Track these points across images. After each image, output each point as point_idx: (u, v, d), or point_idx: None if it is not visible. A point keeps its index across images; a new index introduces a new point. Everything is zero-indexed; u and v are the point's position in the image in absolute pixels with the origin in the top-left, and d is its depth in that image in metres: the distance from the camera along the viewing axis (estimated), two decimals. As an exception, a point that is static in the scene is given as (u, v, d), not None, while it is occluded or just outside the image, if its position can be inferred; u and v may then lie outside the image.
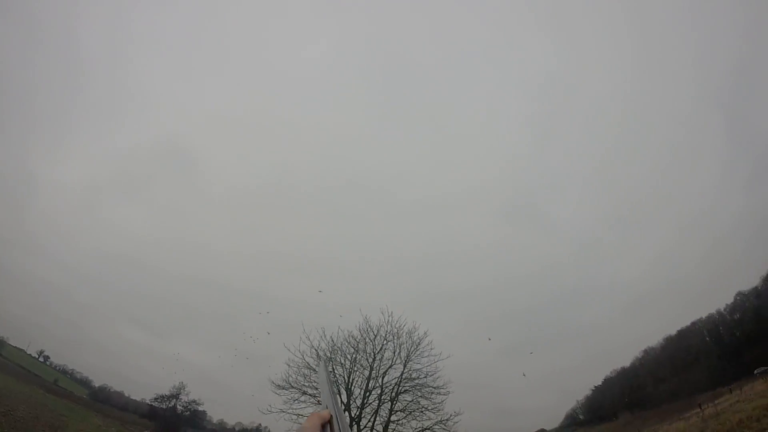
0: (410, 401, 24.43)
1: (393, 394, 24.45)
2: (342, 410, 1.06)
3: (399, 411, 24.34)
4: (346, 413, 23.69)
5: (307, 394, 23.31)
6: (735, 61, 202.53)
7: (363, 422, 24.14)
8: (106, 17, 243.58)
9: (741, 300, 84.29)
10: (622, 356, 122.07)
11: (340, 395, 23.97)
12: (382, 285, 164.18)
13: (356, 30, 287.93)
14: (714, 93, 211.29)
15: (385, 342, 25.16)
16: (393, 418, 24.22)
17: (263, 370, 69.97)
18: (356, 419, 23.86)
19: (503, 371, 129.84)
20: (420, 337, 25.27)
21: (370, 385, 24.66)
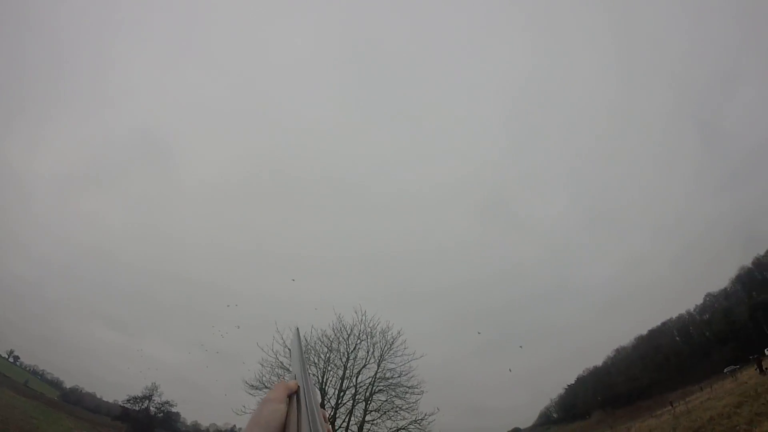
0: (384, 401, 24.34)
1: (367, 394, 24.30)
2: (312, 382, 0.98)
3: (374, 411, 24.22)
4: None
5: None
6: (709, 74, 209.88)
7: (338, 422, 23.85)
8: (86, 8, 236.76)
9: (710, 301, 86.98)
10: (595, 355, 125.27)
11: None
12: (355, 282, 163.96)
13: (334, 24, 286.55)
14: (688, 102, 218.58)
15: (359, 341, 25.05)
16: (368, 418, 24.08)
17: (235, 370, 68.97)
18: (330, 419, 23.46)
19: (477, 370, 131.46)
20: (394, 337, 25.28)
21: (344, 385, 24.47)
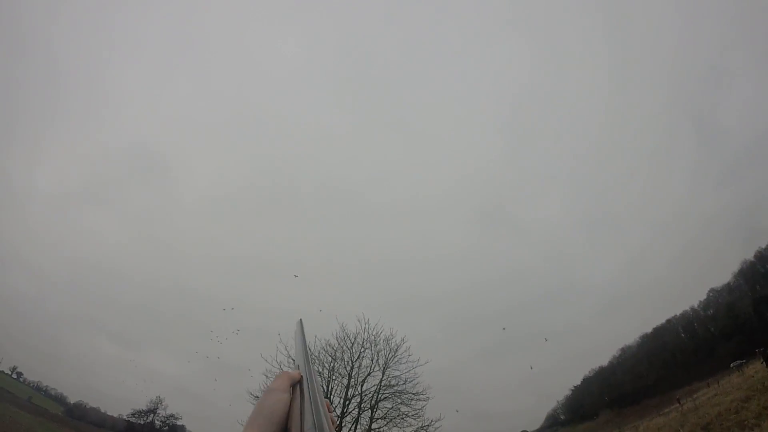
0: (390, 408, 24.26)
1: (373, 402, 24.22)
2: (315, 373, 0.98)
3: (380, 419, 24.14)
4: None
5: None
6: (704, 70, 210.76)
7: (344, 431, 23.78)
8: (83, 21, 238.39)
9: (714, 296, 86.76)
10: (600, 356, 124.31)
11: None
12: (356, 290, 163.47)
13: (330, 32, 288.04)
14: (684, 99, 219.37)
15: (363, 350, 24.95)
16: (374, 426, 24.01)
17: (239, 380, 68.81)
18: (337, 428, 23.39)
19: (482, 374, 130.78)
20: (397, 344, 25.17)
21: (350, 394, 24.36)
